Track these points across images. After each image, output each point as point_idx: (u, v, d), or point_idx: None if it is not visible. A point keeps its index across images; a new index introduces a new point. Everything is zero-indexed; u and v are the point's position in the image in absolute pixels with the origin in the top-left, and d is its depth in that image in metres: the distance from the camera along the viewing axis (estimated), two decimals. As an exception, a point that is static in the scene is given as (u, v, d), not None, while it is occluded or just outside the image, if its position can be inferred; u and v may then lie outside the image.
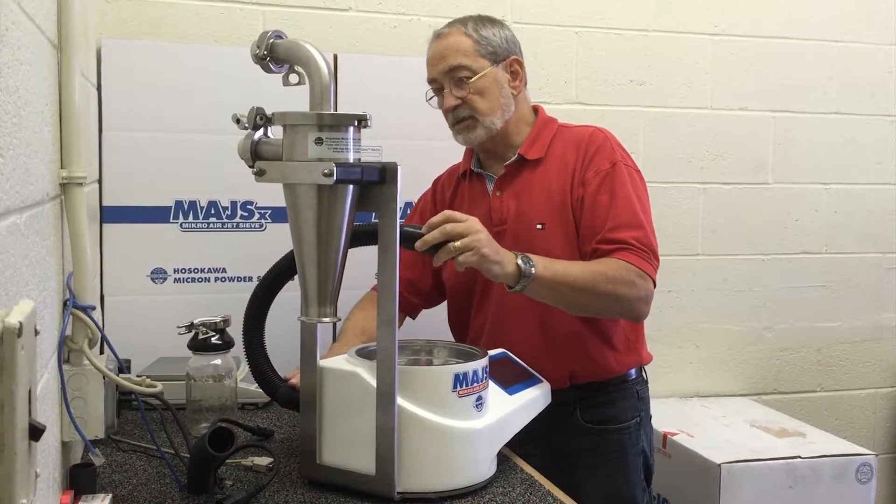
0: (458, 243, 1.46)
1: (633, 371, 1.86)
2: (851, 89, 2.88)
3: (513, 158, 1.82)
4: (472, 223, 1.50)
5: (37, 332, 0.88)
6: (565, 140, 1.83)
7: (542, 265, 1.57)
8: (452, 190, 1.93)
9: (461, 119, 1.79)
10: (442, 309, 1.98)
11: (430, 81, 1.83)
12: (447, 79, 1.78)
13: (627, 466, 1.82)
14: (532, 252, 1.65)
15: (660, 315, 2.76)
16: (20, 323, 0.74)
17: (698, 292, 2.80)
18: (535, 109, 1.91)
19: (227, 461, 1.44)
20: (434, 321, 1.96)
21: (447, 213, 1.50)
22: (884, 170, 2.93)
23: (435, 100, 1.84)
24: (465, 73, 1.76)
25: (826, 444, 2.38)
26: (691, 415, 2.61)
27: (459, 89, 1.77)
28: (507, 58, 1.81)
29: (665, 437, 2.42)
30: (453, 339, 1.93)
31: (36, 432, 0.80)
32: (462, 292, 1.88)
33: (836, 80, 2.87)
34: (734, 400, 2.79)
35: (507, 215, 1.80)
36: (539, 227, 1.76)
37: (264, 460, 1.49)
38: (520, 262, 1.55)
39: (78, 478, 1.29)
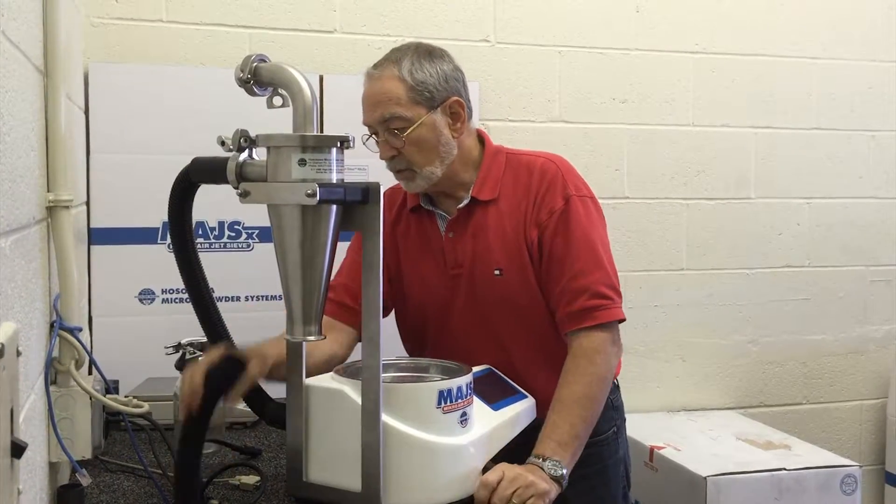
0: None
1: None
2: (831, 105, 2.92)
3: (465, 201, 1.72)
4: (524, 479, 1.43)
5: (19, 354, 0.90)
6: (516, 173, 1.73)
7: (562, 454, 1.52)
8: (395, 216, 1.81)
9: (399, 170, 1.69)
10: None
11: (366, 125, 1.69)
12: (381, 128, 1.65)
13: (608, 477, 1.82)
14: (490, 298, 1.69)
15: (646, 330, 2.78)
16: (1, 345, 0.76)
17: (684, 307, 2.82)
18: (481, 138, 1.79)
19: (215, 480, 1.45)
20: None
21: (513, 481, 1.43)
22: (865, 183, 2.97)
23: (372, 141, 1.69)
24: (400, 125, 1.63)
25: (811, 456, 2.40)
26: (678, 429, 2.63)
27: (395, 139, 1.64)
28: (446, 100, 1.66)
29: (652, 450, 2.43)
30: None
31: (18, 450, 0.82)
32: (428, 312, 1.80)
33: (816, 96, 2.91)
34: (720, 413, 2.81)
35: (464, 258, 1.72)
36: (497, 272, 1.69)
37: (252, 479, 1.50)
38: (550, 471, 1.49)
39: (65, 498, 1.31)
